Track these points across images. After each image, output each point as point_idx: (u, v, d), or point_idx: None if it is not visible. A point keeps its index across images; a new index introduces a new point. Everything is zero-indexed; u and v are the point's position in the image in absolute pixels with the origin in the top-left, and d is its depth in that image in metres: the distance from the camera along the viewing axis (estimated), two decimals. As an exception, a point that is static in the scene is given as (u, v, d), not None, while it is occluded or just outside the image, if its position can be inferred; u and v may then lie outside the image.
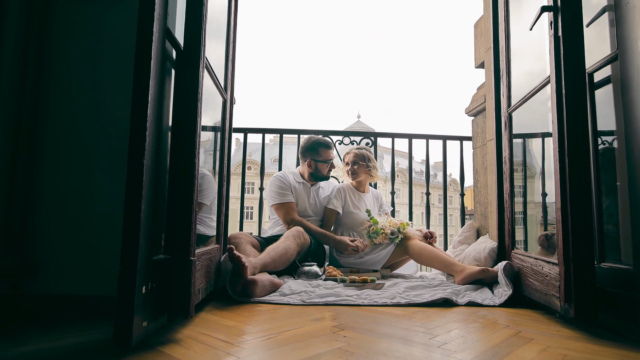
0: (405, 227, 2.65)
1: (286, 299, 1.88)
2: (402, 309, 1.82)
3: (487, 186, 2.77)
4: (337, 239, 2.66)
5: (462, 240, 2.86)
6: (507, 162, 2.27)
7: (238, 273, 1.82)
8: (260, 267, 2.02)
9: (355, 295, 1.98)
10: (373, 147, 3.29)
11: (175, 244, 1.30)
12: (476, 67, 3.01)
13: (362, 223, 2.83)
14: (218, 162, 2.01)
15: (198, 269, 1.49)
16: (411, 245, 2.56)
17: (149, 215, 1.18)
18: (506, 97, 2.29)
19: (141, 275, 1.13)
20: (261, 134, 3.20)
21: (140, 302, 1.13)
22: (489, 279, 2.21)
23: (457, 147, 3.42)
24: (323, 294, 1.94)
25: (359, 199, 2.92)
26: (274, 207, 2.79)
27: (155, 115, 1.22)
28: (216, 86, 1.85)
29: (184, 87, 1.37)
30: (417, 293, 2.06)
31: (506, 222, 2.27)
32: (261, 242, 2.52)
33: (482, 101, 2.82)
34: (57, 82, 1.72)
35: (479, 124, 2.98)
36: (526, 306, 1.94)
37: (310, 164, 2.85)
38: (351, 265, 2.66)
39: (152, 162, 1.20)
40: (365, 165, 2.91)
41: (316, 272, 2.29)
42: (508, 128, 2.27)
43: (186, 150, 1.33)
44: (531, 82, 2.08)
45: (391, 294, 2.01)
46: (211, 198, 2.11)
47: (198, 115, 1.35)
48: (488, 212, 2.75)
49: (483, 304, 1.94)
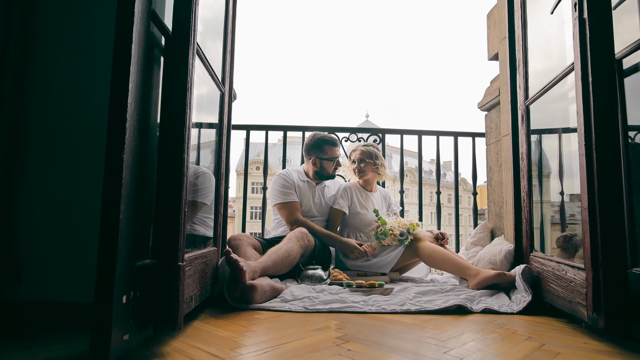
0: (415, 227, 2.51)
1: (288, 305, 1.76)
2: (412, 317, 1.69)
3: (502, 184, 2.61)
4: (343, 241, 2.53)
5: (475, 242, 2.71)
6: (524, 159, 2.12)
7: (236, 278, 1.69)
8: (260, 271, 1.89)
9: (362, 301, 1.85)
10: (381, 145, 3.15)
11: (162, 247, 1.19)
12: (489, 59, 2.86)
13: (369, 224, 2.69)
14: (215, 159, 1.89)
15: (189, 275, 1.37)
16: (421, 247, 2.42)
17: (131, 216, 1.06)
18: (523, 88, 2.14)
19: (121, 283, 1.02)
20: (264, 131, 3.08)
21: (120, 313, 1.01)
22: (506, 284, 2.06)
23: (469, 145, 3.27)
24: (327, 300, 1.81)
25: (366, 199, 2.78)
26: (276, 206, 2.67)
27: (138, 106, 1.10)
28: (212, 77, 1.73)
29: (172, 76, 1.25)
30: (429, 299, 1.92)
31: (524, 222, 2.12)
32: (263, 244, 2.40)
33: (496, 95, 2.67)
34: (44, 75, 1.61)
35: (492, 119, 2.83)
36: (547, 314, 1.80)
37: (315, 162, 2.72)
38: (358, 268, 2.53)
39: (134, 158, 1.08)
40: (372, 163, 2.77)
41: (320, 276, 2.16)
42: (525, 122, 2.12)
43: (174, 144, 1.21)
44: (550, 72, 1.93)
45: (401, 300, 1.88)
46: (212, 197, 1.99)
47: (187, 106, 1.23)
48: (503, 212, 2.60)
49: (500, 311, 1.80)
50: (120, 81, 1.03)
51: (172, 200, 1.19)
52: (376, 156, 2.78)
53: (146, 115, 1.21)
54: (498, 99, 2.66)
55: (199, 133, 1.95)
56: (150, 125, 1.24)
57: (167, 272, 1.17)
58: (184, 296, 1.27)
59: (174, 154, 1.20)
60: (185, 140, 1.21)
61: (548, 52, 2.06)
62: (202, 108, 1.83)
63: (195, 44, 1.34)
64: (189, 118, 1.24)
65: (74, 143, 1.60)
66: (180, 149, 1.20)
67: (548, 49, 2.07)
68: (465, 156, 3.31)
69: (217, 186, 1.87)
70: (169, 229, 1.18)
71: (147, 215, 1.22)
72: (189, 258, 1.37)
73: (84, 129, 1.60)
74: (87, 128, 1.60)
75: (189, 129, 1.25)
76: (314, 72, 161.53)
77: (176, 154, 1.20)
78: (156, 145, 1.25)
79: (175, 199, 1.19)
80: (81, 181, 1.59)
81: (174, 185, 1.19)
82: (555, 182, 2.13)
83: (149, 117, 1.22)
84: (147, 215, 1.22)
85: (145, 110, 1.20)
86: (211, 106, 1.87)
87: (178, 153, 1.20)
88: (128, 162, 1.04)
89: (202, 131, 1.91)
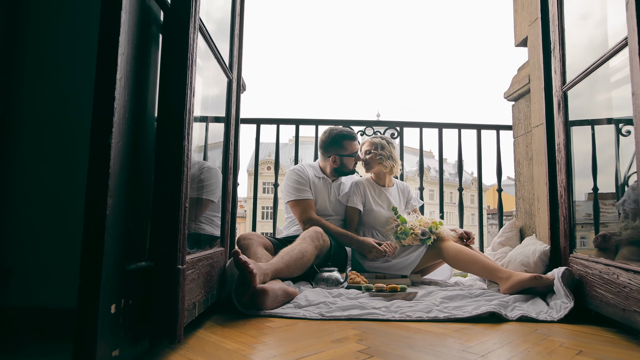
0: (438, 226, 2.32)
1: (302, 312, 1.59)
2: (440, 326, 1.51)
3: (533, 179, 2.41)
4: (360, 240, 2.35)
5: (502, 242, 2.51)
6: (561, 150, 1.92)
7: (245, 281, 1.54)
8: (272, 273, 1.73)
9: (383, 307, 1.67)
10: (399, 139, 2.97)
11: (159, 248, 1.03)
12: (516, 45, 2.65)
13: (385, 221, 2.51)
14: (223, 153, 1.74)
15: (192, 279, 1.22)
16: (445, 247, 2.23)
17: (121, 211, 0.91)
18: (560, 72, 1.95)
19: (109, 289, 0.86)
20: (275, 124, 2.92)
21: (107, 325, 0.86)
22: (542, 288, 1.86)
23: (491, 138, 3.07)
24: (345, 306, 1.64)
25: (380, 194, 2.59)
26: (289, 204, 2.50)
27: (130, 85, 0.94)
28: (218, 61, 1.57)
29: (170, 52, 1.10)
30: (457, 305, 1.74)
31: (561, 220, 1.92)
32: (275, 244, 2.24)
33: (526, 82, 2.47)
34: (35, 65, 1.47)
35: (521, 109, 2.62)
36: (591, 322, 1.60)
37: (335, 159, 2.54)
38: (376, 269, 2.35)
39: (126, 145, 0.93)
40: (377, 153, 2.55)
41: (337, 278, 1.99)
42: (563, 109, 1.92)
43: (172, 130, 1.06)
44: (592, 53, 1.73)
45: (426, 306, 1.70)
46: (219, 194, 1.84)
47: (187, 86, 1.07)
48: (534, 210, 2.39)
49: (538, 319, 1.61)
50: (106, 52, 0.88)
51: (170, 194, 1.03)
52: (382, 147, 2.57)
53: (142, 99, 1.06)
54: (527, 86, 2.46)
55: (206, 127, 1.81)
56: (147, 111, 1.09)
57: (165, 277, 1.02)
58: (185, 304, 1.11)
59: (171, 141, 1.04)
60: (186, 125, 1.06)
61: (589, 29, 1.86)
62: (208, 97, 1.68)
63: (198, 18, 1.18)
64: (189, 100, 1.08)
65: (71, 136, 1.46)
66: (179, 135, 1.04)
67: (590, 25, 1.88)
68: (487, 151, 3.11)
69: (224, 182, 1.71)
70: (166, 227, 1.03)
71: (144, 211, 1.07)
72: (192, 260, 1.22)
73: (82, 121, 1.45)
74: (85, 120, 1.46)
75: (190, 113, 1.09)
76: (325, 67, 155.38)
77: (174, 140, 1.04)
78: (154, 133, 1.10)
79: (173, 193, 1.03)
80: (79, 177, 1.44)
81: (173, 176, 1.03)
82: (584, 179, 1.94)
83: (145, 101, 1.07)
84: (144, 211, 1.07)
85: (141, 92, 1.05)
86: (217, 93, 1.72)
87: (176, 139, 1.04)
88: (117, 148, 0.89)
89: (209, 123, 1.76)
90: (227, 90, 1.74)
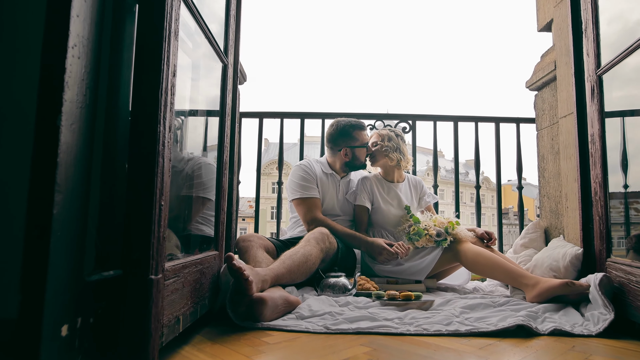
0: (455, 226, 2.12)
1: (304, 324, 1.41)
2: (462, 341, 1.32)
3: (560, 175, 2.20)
4: (369, 241, 2.16)
5: (526, 244, 2.30)
6: (596, 141, 1.71)
7: (240, 290, 1.36)
8: (271, 279, 1.56)
9: (396, 318, 1.49)
10: (411, 133, 2.77)
11: (130, 255, 0.86)
12: (539, 30, 2.44)
13: (396, 221, 2.32)
14: (218, 146, 1.57)
15: (174, 289, 1.04)
16: (463, 249, 2.03)
17: (77, 209, 0.74)
18: (593, 55, 1.74)
19: (58, 306, 0.69)
20: (279, 118, 2.75)
21: (55, 351, 0.69)
22: (574, 296, 1.66)
23: (509, 132, 2.85)
24: (354, 317, 1.46)
25: (389, 191, 2.38)
26: (294, 202, 2.32)
27: (91, 57, 0.77)
28: (209, 42, 1.40)
29: (144, 24, 0.93)
30: (480, 316, 1.54)
31: (595, 220, 1.72)
32: (278, 246, 2.06)
33: (551, 69, 2.26)
34: None
35: (545, 98, 2.41)
36: (636, 336, 1.40)
37: (346, 152, 2.35)
38: (388, 274, 2.16)
39: (84, 128, 0.76)
40: (382, 145, 2.34)
41: (344, 285, 1.80)
42: (597, 95, 1.71)
43: (145, 115, 0.88)
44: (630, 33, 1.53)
45: (445, 317, 1.51)
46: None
47: (163, 62, 0.90)
48: (561, 208, 2.18)
49: (574, 332, 1.41)
50: (55, 14, 0.71)
51: (142, 190, 0.86)
52: (389, 138, 2.36)
53: (115, 80, 0.89)
54: (553, 74, 2.24)
55: (206, 121, 1.64)
56: (121, 95, 0.92)
57: (135, 289, 0.84)
58: (164, 319, 0.94)
59: (142, 126, 0.87)
60: (161, 107, 0.88)
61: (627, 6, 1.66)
62: (197, 80, 1.50)
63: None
64: (166, 78, 0.91)
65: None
66: (152, 118, 0.87)
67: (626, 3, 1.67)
68: (506, 146, 2.90)
69: (218, 177, 1.54)
70: (137, 229, 0.86)
71: (118, 211, 0.90)
72: (174, 267, 1.04)
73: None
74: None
75: (167, 93, 0.92)
76: (332, 58, 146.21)
77: (146, 124, 0.87)
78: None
79: (145, 188, 0.86)
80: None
81: (144, 168, 0.86)
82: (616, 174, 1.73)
83: (119, 82, 0.91)
84: (118, 211, 0.90)
85: (115, 72, 0.88)
86: (209, 80, 1.55)
87: (149, 124, 0.87)
88: (71, 132, 0.72)
89: (209, 118, 1.59)
90: (222, 76, 1.57)
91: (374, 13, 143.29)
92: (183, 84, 1.43)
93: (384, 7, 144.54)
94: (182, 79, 1.41)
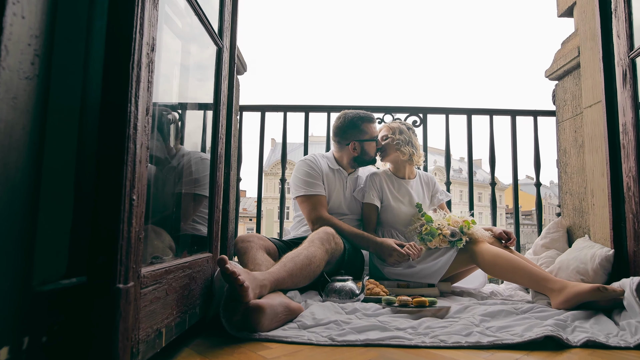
0: (470, 226, 1.96)
1: (307, 334, 1.26)
2: (485, 354, 1.17)
3: (585, 170, 2.03)
4: (378, 242, 2.01)
5: (547, 244, 2.13)
6: (629, 131, 1.55)
7: (235, 296, 1.22)
8: (271, 284, 1.41)
9: (409, 328, 1.33)
10: (422, 127, 2.62)
11: (95, 259, 0.72)
12: (559, 15, 2.28)
13: (407, 220, 2.17)
14: (210, 137, 1.43)
15: (155, 298, 0.90)
16: (480, 251, 1.87)
17: (16, 204, 0.60)
18: (625, 37, 1.57)
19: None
20: (282, 112, 2.60)
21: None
22: (606, 302, 1.50)
23: (525, 126, 2.70)
24: (362, 327, 1.31)
25: (400, 188, 2.23)
26: (298, 200, 2.17)
27: (41, 19, 0.64)
28: (202, 22, 1.26)
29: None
30: (502, 325, 1.38)
31: (629, 218, 1.55)
32: (280, 247, 1.92)
33: (573, 56, 2.09)
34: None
35: (567, 88, 2.24)
36: (681, 349, 1.24)
37: (355, 146, 2.20)
38: (398, 277, 2.01)
39: (36, 109, 0.62)
40: (394, 138, 2.19)
41: (351, 290, 1.65)
42: (630, 80, 1.55)
43: (113, 94, 0.74)
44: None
45: (464, 326, 1.35)
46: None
47: (135, 30, 0.75)
48: (586, 206, 2.01)
49: (609, 344, 1.25)
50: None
51: (107, 180, 0.72)
52: (400, 131, 2.22)
53: (87, 56, 0.76)
54: (576, 60, 2.08)
55: (204, 114, 1.51)
56: (96, 72, 0.78)
57: (100, 301, 0.70)
58: (137, 335, 0.80)
59: (108, 101, 0.73)
60: (133, 77, 0.74)
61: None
62: (188, 66, 1.37)
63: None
64: (139, 48, 0.76)
65: None
66: (120, 91, 0.73)
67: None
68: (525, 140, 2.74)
69: (212, 172, 1.40)
70: (103, 228, 0.71)
71: (81, 215, 0.77)
72: (154, 273, 0.90)
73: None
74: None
75: (142, 67, 0.77)
76: (336, 51, 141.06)
77: (113, 99, 0.73)
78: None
79: (111, 178, 0.72)
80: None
81: (111, 153, 0.72)
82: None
83: (88, 59, 0.77)
84: (81, 215, 0.77)
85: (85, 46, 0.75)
86: (201, 62, 1.41)
87: (116, 98, 0.72)
88: (10, 107, 0.58)
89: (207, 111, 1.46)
90: (217, 60, 1.43)
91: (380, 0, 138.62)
92: (171, 67, 1.29)
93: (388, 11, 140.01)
94: (170, 61, 1.27)
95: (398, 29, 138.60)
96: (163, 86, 1.26)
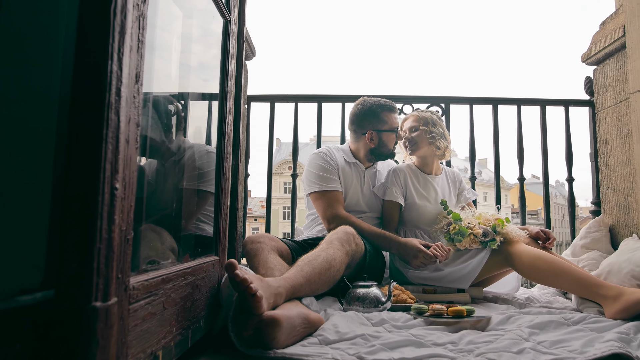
0: (504, 224, 1.76)
1: (331, 352, 1.08)
2: (545, 377, 0.97)
3: (632, 162, 1.83)
4: (402, 242, 1.81)
5: (588, 245, 1.93)
6: (696, 115, 1.35)
7: (246, 307, 1.03)
8: (287, 292, 1.22)
9: (449, 343, 1.14)
10: (444, 118, 2.42)
11: (67, 267, 0.54)
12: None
13: (432, 219, 1.97)
14: (216, 127, 1.25)
15: (149, 314, 0.72)
16: (517, 252, 1.67)
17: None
18: (690, 7, 1.37)
19: None
20: (293, 102, 2.42)
21: None
22: (671, 312, 1.30)
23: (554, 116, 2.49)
24: (394, 342, 1.12)
25: (426, 185, 2.03)
26: (311, 196, 1.99)
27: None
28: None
29: None
30: (556, 339, 1.19)
31: (696, 215, 1.35)
32: (293, 249, 1.73)
33: (617, 37, 1.89)
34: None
35: (608, 72, 2.04)
36: None
37: (372, 136, 2.00)
38: (423, 281, 1.82)
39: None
40: (427, 130, 1.99)
41: (377, 297, 1.46)
42: (698, 57, 1.34)
43: (88, 52, 0.56)
44: None
45: (512, 340, 1.16)
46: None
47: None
48: (633, 202, 1.81)
49: (687, 362, 1.05)
50: None
51: (80, 164, 0.54)
52: (433, 123, 2.02)
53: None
54: (621, 41, 1.87)
55: (209, 105, 1.33)
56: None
57: (70, 323, 0.52)
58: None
59: (81, 61, 0.54)
60: (114, 25, 0.56)
61: None
62: (191, 44, 1.19)
63: None
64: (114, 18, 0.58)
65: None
66: (97, 47, 0.55)
67: None
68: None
69: (218, 164, 1.22)
70: (73, 229, 0.53)
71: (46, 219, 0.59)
72: (147, 283, 0.72)
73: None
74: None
75: (128, 14, 0.59)
76: (351, 38, 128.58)
77: (88, 57, 0.54)
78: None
79: (84, 160, 0.53)
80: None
81: (84, 126, 0.54)
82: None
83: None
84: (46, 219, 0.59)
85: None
86: (210, 47, 1.23)
87: (93, 55, 0.54)
88: None
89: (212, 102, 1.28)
90: (223, 35, 1.25)
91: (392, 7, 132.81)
92: (172, 40, 1.12)
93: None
94: (171, 32, 1.10)
95: (417, 14, 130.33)
96: (163, 67, 1.09)
